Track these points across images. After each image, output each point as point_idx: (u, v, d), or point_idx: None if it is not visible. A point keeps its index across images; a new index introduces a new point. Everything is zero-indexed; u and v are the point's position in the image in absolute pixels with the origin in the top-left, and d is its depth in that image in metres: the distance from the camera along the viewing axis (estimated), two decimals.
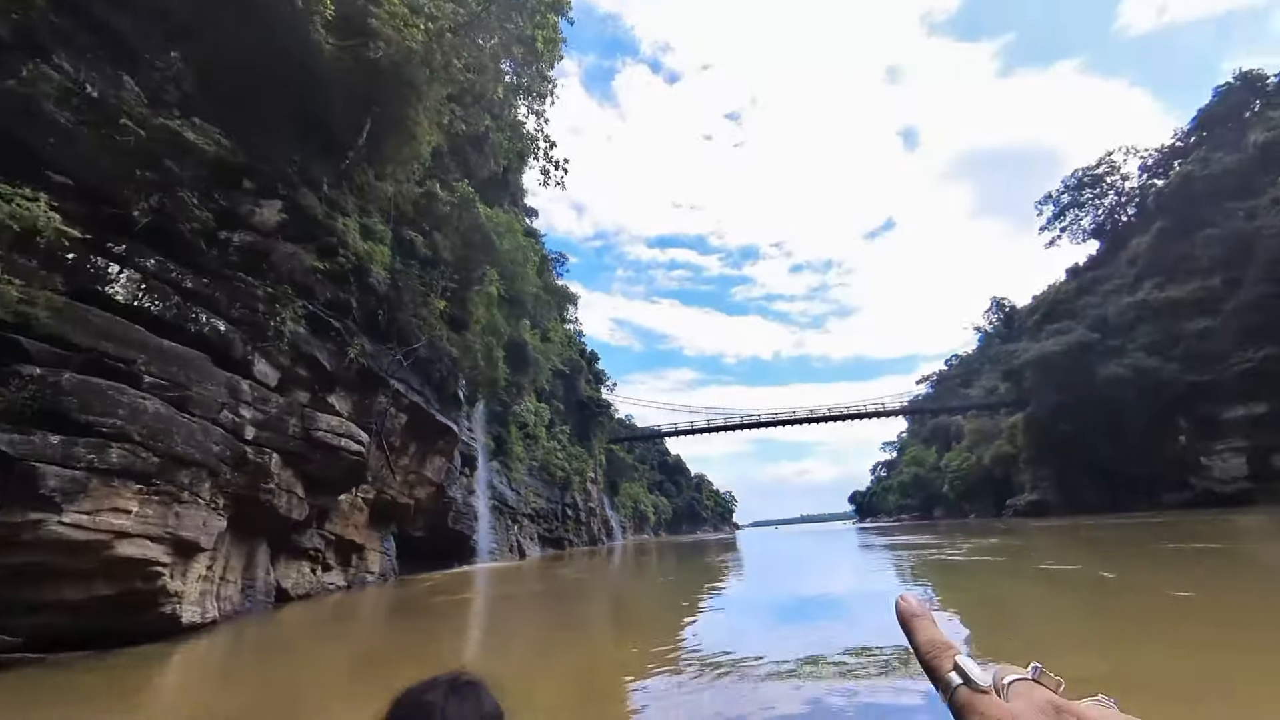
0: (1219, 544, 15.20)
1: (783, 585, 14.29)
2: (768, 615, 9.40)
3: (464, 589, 17.08)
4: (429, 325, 17.67)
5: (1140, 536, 19.17)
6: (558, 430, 48.77)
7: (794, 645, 5.98)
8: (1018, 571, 12.54)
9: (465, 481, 28.02)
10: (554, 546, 43.53)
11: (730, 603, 11.83)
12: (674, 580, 17.20)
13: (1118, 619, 7.04)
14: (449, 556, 26.00)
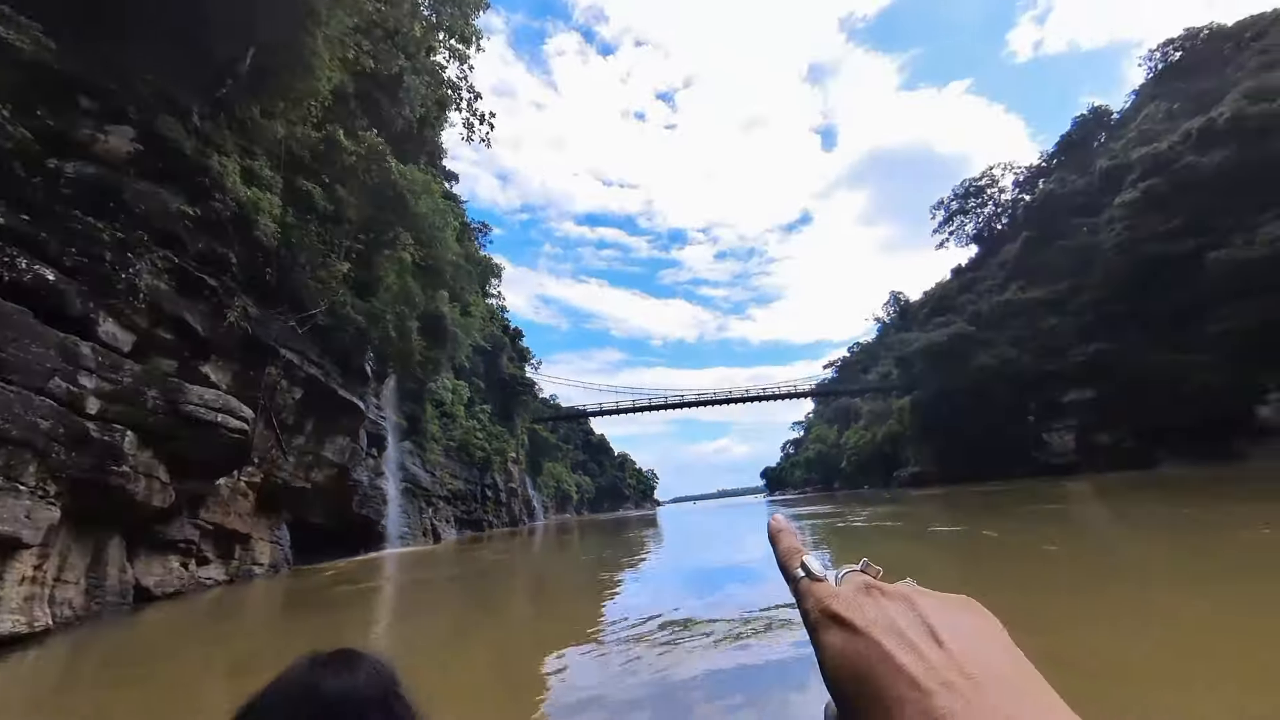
0: (1060, 505, 17.93)
1: (696, 557, 14.86)
2: (681, 585, 9.66)
3: (370, 576, 15.70)
4: (330, 289, 15.71)
5: (1001, 501, 22.07)
6: (478, 409, 46.66)
7: (702, 610, 6.48)
8: (914, 534, 13.80)
9: (373, 463, 25.85)
10: (472, 529, 41.91)
11: (646, 575, 11.89)
12: (594, 558, 16.80)
13: (1007, 570, 7.98)
14: (354, 543, 23.98)
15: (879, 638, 0.28)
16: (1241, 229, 35.84)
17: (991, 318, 51.92)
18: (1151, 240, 40.61)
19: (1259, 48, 39.20)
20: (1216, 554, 7.42)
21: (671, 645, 5.20)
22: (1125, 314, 42.39)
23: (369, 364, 20.52)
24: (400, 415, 30.81)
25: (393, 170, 18.64)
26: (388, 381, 28.96)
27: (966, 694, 0.24)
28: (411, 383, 30.97)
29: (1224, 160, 37.73)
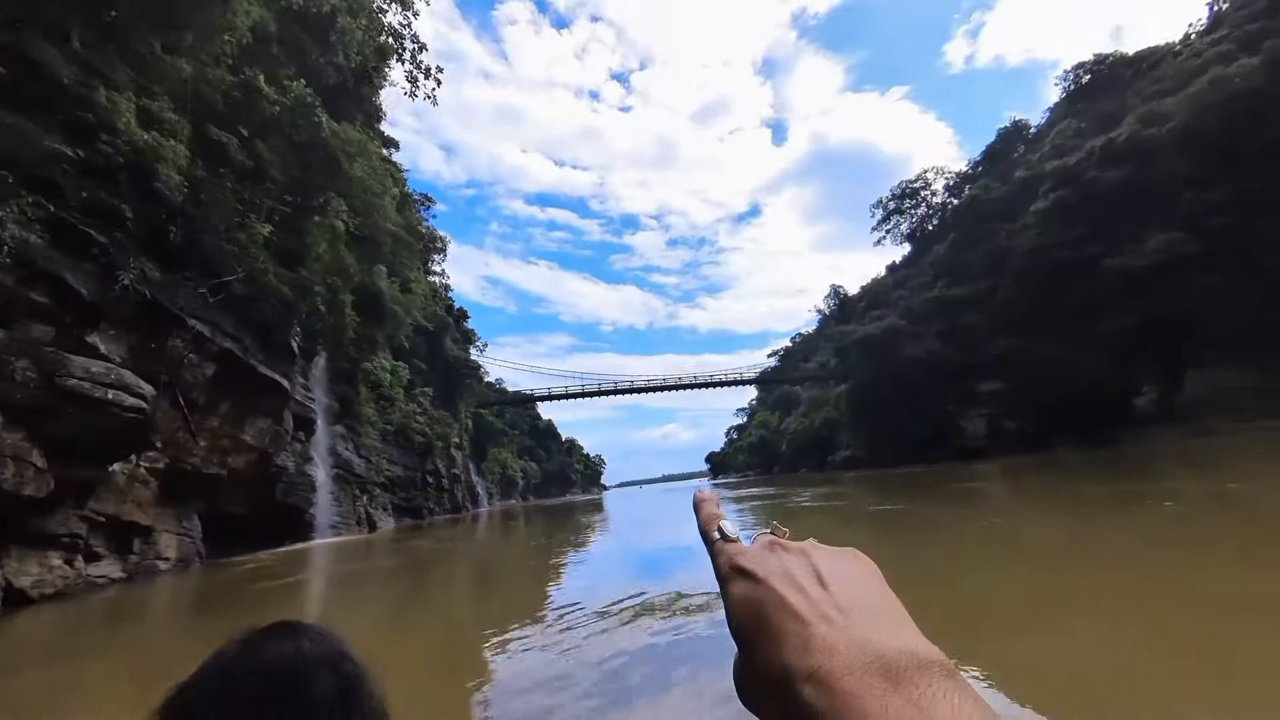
0: (980, 483, 19.39)
1: (638, 540, 14.95)
2: (624, 569, 9.63)
3: (296, 569, 14.39)
4: (248, 255, 14.02)
5: (929, 481, 23.70)
6: (419, 392, 44.36)
7: (642, 591, 6.57)
8: (855, 513, 14.40)
9: (300, 448, 23.84)
10: (412, 516, 40.02)
11: (591, 560, 11.72)
12: (539, 544, 16.26)
13: (956, 544, 8.49)
14: (279, 534, 22.08)
15: (775, 584, 0.32)
16: (1132, 240, 39.99)
17: (920, 313, 55.39)
18: (1058, 246, 44.56)
19: (1154, 76, 43.49)
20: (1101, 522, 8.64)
21: (613, 629, 5.19)
22: (1032, 313, 46.46)
23: (295, 340, 18.67)
24: (331, 397, 28.59)
25: (323, 126, 16.82)
26: (317, 360, 26.72)
27: (839, 623, 0.29)
28: (344, 362, 28.78)
29: (1121, 177, 41.85)
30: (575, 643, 4.80)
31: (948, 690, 0.25)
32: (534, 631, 5.47)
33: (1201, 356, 38.14)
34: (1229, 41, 38.90)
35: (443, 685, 4.44)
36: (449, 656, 5.32)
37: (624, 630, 5.05)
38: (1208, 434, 34.23)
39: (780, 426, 78.55)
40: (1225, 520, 7.63)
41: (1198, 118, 37.19)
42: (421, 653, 5.57)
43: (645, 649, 4.44)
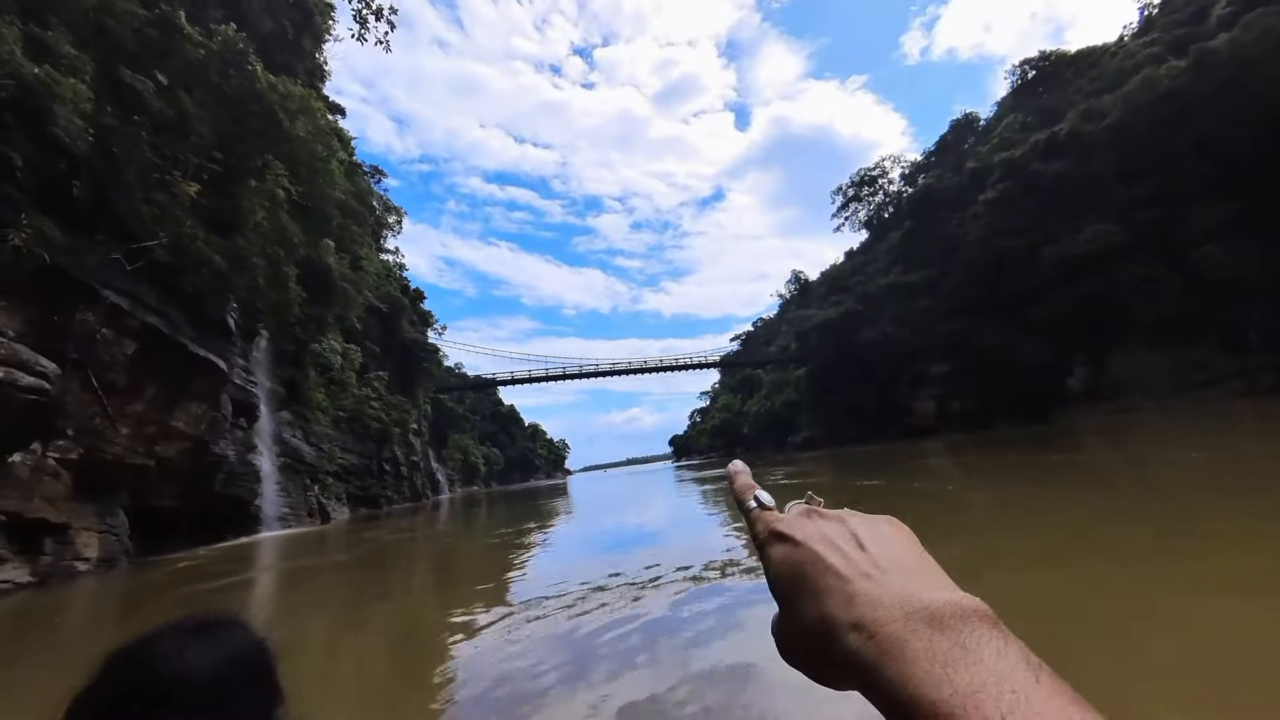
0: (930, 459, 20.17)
1: (602, 526, 14.50)
2: (587, 556, 9.42)
3: (238, 567, 13.06)
4: (173, 218, 12.35)
5: (886, 458, 24.46)
6: (373, 376, 42.04)
7: (604, 575, 6.56)
8: (842, 488, 14.50)
9: (242, 435, 21.93)
10: (369, 506, 38.16)
11: (555, 548, 11.26)
12: (502, 532, 15.29)
13: (944, 512, 9.05)
14: (220, 528, 20.33)
15: (814, 546, 0.34)
16: (1070, 230, 42.35)
17: (877, 298, 57.12)
18: (1003, 235, 46.71)
19: (1092, 75, 45.75)
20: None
21: (581, 615, 5.09)
22: (979, 298, 48.74)
23: (232, 317, 16.85)
24: (276, 381, 26.47)
25: (258, 77, 14.97)
26: (258, 341, 24.57)
27: (879, 579, 0.30)
28: (289, 343, 26.64)
29: (1061, 170, 44.09)
30: (553, 640, 4.51)
31: (992, 635, 0.26)
32: (504, 630, 5.05)
33: (1126, 340, 41.08)
34: (1159, 44, 41.28)
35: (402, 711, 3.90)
36: (411, 669, 4.74)
37: (592, 618, 4.91)
38: (1127, 411, 37.14)
39: (742, 409, 80.00)
40: (1128, 485, 8.95)
41: (1130, 115, 39.46)
42: (381, 663, 5.06)
43: (616, 639, 4.30)
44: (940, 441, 37.74)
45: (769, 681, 3.08)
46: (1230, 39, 34.14)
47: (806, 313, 62.42)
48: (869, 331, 55.36)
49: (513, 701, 3.30)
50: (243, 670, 0.57)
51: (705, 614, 4.59)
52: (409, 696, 3.83)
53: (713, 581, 5.77)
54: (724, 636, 4.00)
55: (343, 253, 31.91)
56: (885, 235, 60.35)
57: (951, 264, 51.50)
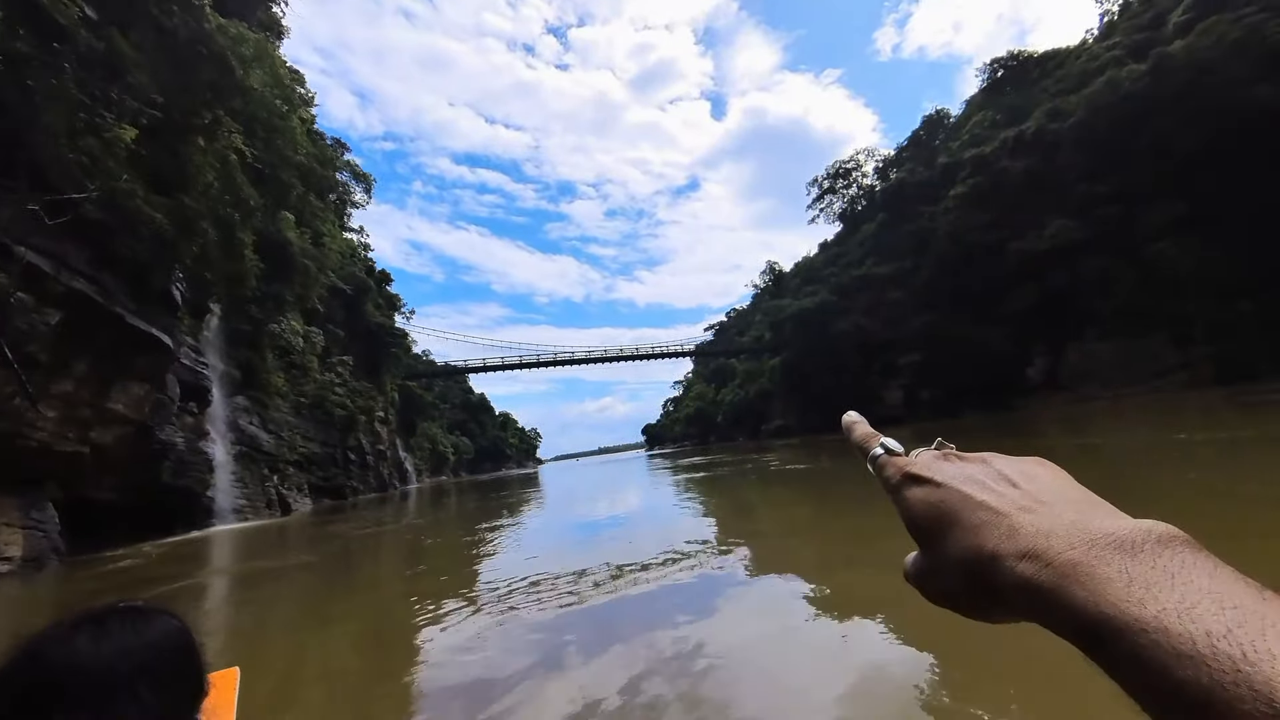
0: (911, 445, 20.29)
1: (573, 517, 13.90)
2: (559, 544, 9.04)
3: (185, 569, 11.54)
4: (105, 169, 10.70)
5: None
6: (337, 361, 39.73)
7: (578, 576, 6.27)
8: (837, 475, 14.22)
9: (192, 421, 20.03)
10: (332, 497, 36.16)
11: (528, 536, 10.63)
12: (474, 523, 14.07)
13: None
14: (169, 521, 18.53)
15: (958, 485, 0.32)
16: (1035, 225, 43.74)
17: (850, 289, 57.91)
18: (972, 229, 47.91)
19: (1058, 76, 47.10)
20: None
21: (554, 607, 4.92)
22: (949, 291, 50.01)
23: (178, 288, 15.04)
24: (230, 363, 24.38)
25: (208, 21, 13.21)
26: (210, 320, 22.49)
27: (1042, 512, 0.28)
28: (245, 323, 24.54)
29: (1028, 167, 45.38)
30: (527, 634, 4.31)
31: (1198, 558, 0.23)
32: (476, 629, 4.70)
33: (1083, 332, 42.91)
34: (1120, 48, 42.75)
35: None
36: (380, 669, 4.32)
37: (564, 611, 4.75)
38: (1083, 400, 38.88)
39: (716, 398, 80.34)
40: (1083, 468, 8.89)
41: (1093, 116, 40.82)
42: (348, 665, 4.57)
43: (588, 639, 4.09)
44: (907, 428, 38.77)
45: (736, 667, 3.12)
46: (1187, 45, 35.53)
47: (781, 303, 62.80)
48: (842, 322, 56.14)
49: (485, 699, 3.17)
50: (141, 662, 0.52)
51: (676, 603, 4.56)
52: (377, 699, 3.58)
53: (684, 569, 5.75)
54: (696, 624, 3.98)
55: (303, 227, 29.67)
56: (858, 228, 61.14)
57: (923, 257, 52.61)
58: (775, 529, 8.24)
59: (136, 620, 0.55)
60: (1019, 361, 46.17)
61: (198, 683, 0.57)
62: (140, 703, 0.50)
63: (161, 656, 0.54)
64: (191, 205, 12.84)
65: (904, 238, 55.09)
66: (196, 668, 0.57)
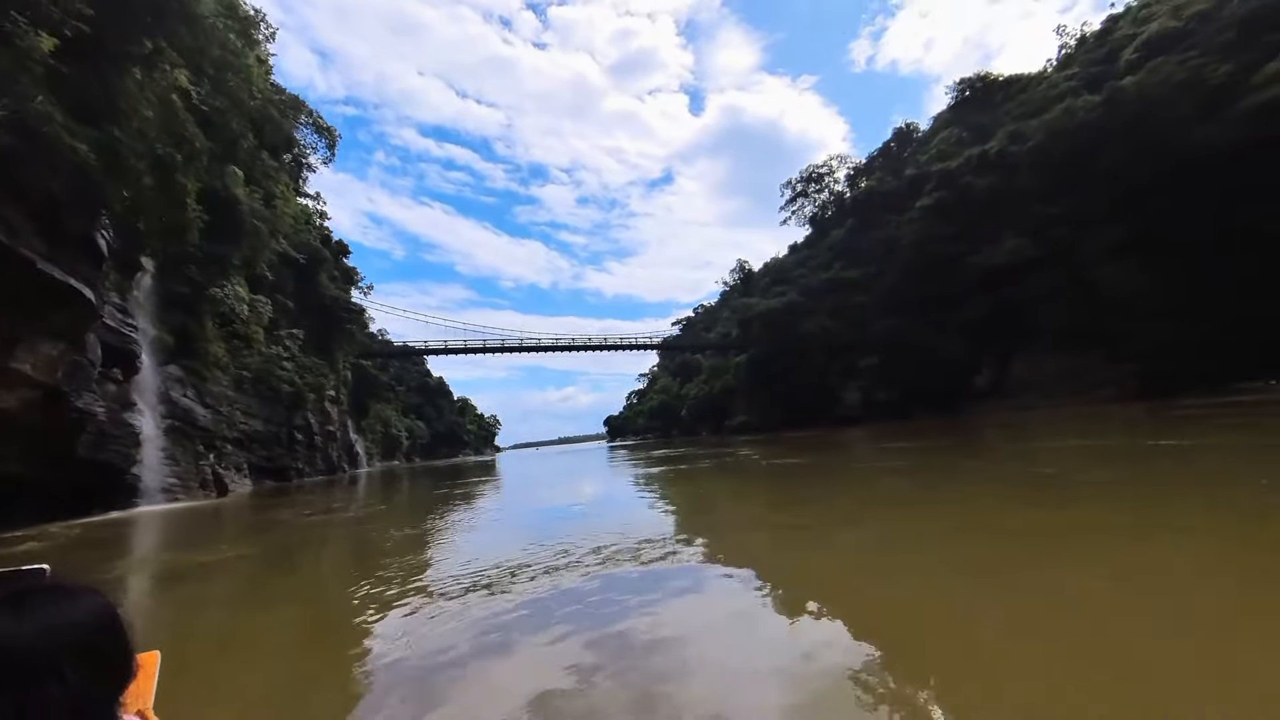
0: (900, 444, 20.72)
1: (531, 504, 13.48)
2: (514, 534, 8.72)
3: (98, 558, 9.70)
4: (14, 85, 9.04)
5: (822, 442, 25.10)
6: (285, 334, 36.94)
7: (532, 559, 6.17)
8: (838, 466, 14.10)
9: (116, 389, 17.85)
10: (276, 478, 33.70)
11: (484, 526, 10.09)
12: (428, 511, 13.06)
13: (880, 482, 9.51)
14: (88, 499, 16.46)
15: None
16: (993, 240, 45.83)
17: (817, 291, 59.11)
18: (935, 241, 49.74)
19: (1021, 99, 49.30)
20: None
21: (508, 602, 4.69)
22: (909, 298, 51.82)
23: (105, 237, 13.10)
24: (163, 328, 21.98)
25: None
26: (141, 278, 20.12)
27: None
28: (182, 285, 22.17)
29: (989, 184, 47.44)
30: (478, 627, 4.09)
31: None
32: (427, 618, 4.42)
33: (1029, 345, 45.45)
34: (1077, 79, 45.17)
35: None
36: (322, 664, 3.95)
37: (517, 605, 4.54)
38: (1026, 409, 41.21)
39: (681, 392, 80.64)
40: (1018, 470, 10.40)
41: (1050, 141, 43.01)
42: (287, 658, 4.13)
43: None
44: (863, 429, 39.94)
45: (688, 659, 3.10)
46: (1138, 81, 37.83)
47: (750, 301, 63.46)
48: (808, 323, 57.27)
49: (428, 689, 3.05)
50: (66, 641, 0.50)
51: (629, 593, 4.52)
52: (313, 689, 3.35)
53: (636, 560, 5.71)
54: (647, 614, 3.94)
55: (254, 186, 27.15)
56: (828, 233, 62.41)
57: (888, 264, 54.26)
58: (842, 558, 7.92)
59: (61, 597, 0.52)
60: (969, 369, 48.48)
61: (126, 664, 0.55)
62: (65, 683, 0.47)
63: (88, 636, 0.51)
64: (124, 141, 11.11)
65: (871, 244, 56.66)
66: (125, 649, 0.55)
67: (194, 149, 13.51)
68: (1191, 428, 13.66)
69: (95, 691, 0.50)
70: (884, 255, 54.55)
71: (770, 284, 63.27)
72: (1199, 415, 16.66)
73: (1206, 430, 12.71)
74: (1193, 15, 38.00)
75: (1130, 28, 43.46)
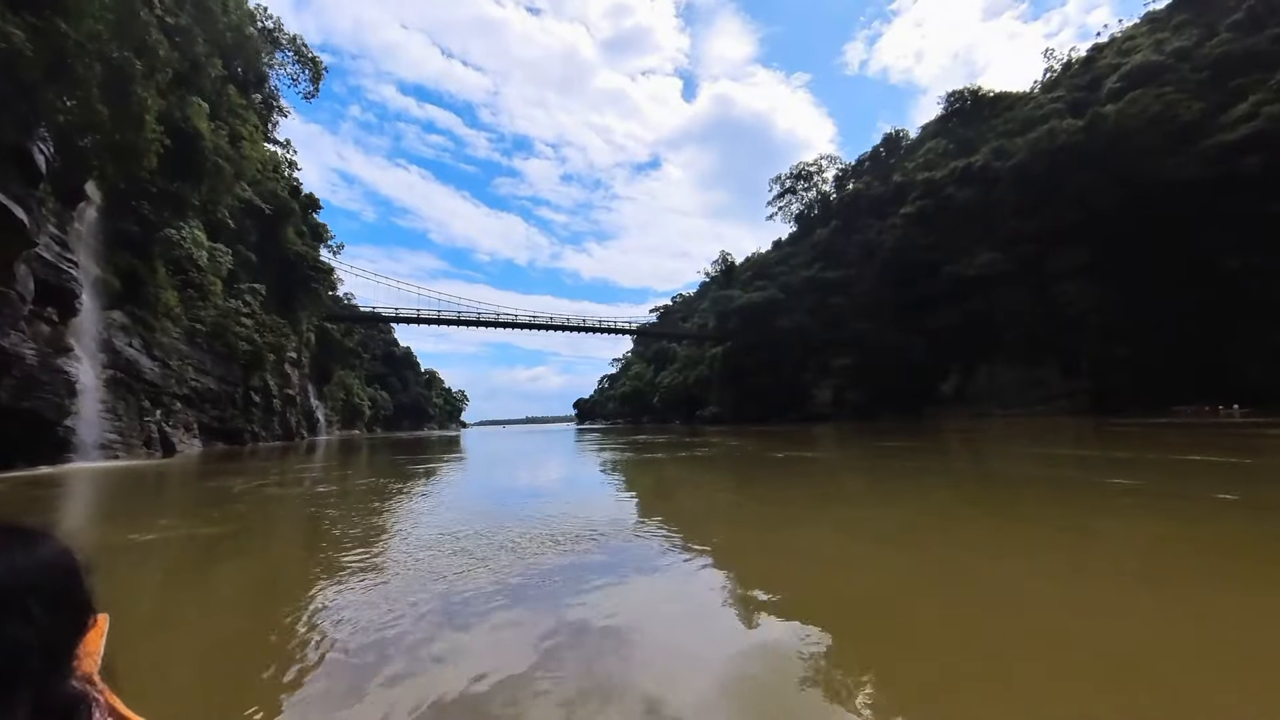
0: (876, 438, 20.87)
1: (495, 482, 12.90)
2: (475, 513, 8.05)
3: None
4: None
5: (788, 435, 25.33)
6: (246, 288, 34.27)
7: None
8: (840, 461, 13.82)
9: (49, 331, 15.83)
10: (227, 440, 31.42)
11: (446, 503, 9.41)
12: (388, 482, 12.25)
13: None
14: (10, 453, 14.58)
15: None
16: (967, 252, 47.04)
17: (798, 289, 59.54)
18: (914, 248, 50.71)
19: (1007, 117, 50.36)
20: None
21: (464, 581, 4.53)
22: (885, 302, 52.83)
23: (42, 150, 11.21)
24: (108, 269, 19.70)
25: None
26: (85, 210, 17.84)
27: None
28: (132, 222, 19.89)
29: (970, 197, 48.52)
30: (432, 607, 3.90)
31: None
32: (382, 599, 4.13)
33: (992, 355, 47.15)
34: (1062, 102, 46.43)
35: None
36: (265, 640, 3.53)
37: (472, 585, 4.38)
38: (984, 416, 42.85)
39: (655, 380, 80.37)
40: (968, 473, 11.00)
41: (1032, 159, 44.20)
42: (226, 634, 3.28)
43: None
44: (830, 426, 40.75)
45: (638, 642, 3.12)
46: (1118, 109, 39.11)
47: (731, 293, 63.37)
48: (786, 320, 57.70)
49: (380, 666, 2.96)
50: (32, 582, 0.49)
51: (586, 575, 4.48)
52: (256, 666, 3.09)
53: (596, 541, 5.69)
54: (600, 597, 3.91)
55: (219, 122, 24.62)
56: (812, 231, 62.76)
57: (867, 267, 55.07)
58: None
59: (24, 539, 0.51)
60: (934, 375, 50.02)
61: (85, 612, 0.54)
62: (33, 622, 0.47)
63: (54, 578, 0.50)
64: (71, 35, 9.36)
65: (853, 247, 57.30)
66: (86, 595, 0.54)
67: (156, 58, 11.71)
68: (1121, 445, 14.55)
69: (60, 633, 0.49)
70: (864, 258, 55.31)
71: (752, 278, 63.31)
72: (1139, 433, 17.61)
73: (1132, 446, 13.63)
74: (1173, 51, 39.42)
75: (1114, 57, 44.84)
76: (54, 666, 0.49)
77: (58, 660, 0.49)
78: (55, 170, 12.09)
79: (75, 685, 0.52)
